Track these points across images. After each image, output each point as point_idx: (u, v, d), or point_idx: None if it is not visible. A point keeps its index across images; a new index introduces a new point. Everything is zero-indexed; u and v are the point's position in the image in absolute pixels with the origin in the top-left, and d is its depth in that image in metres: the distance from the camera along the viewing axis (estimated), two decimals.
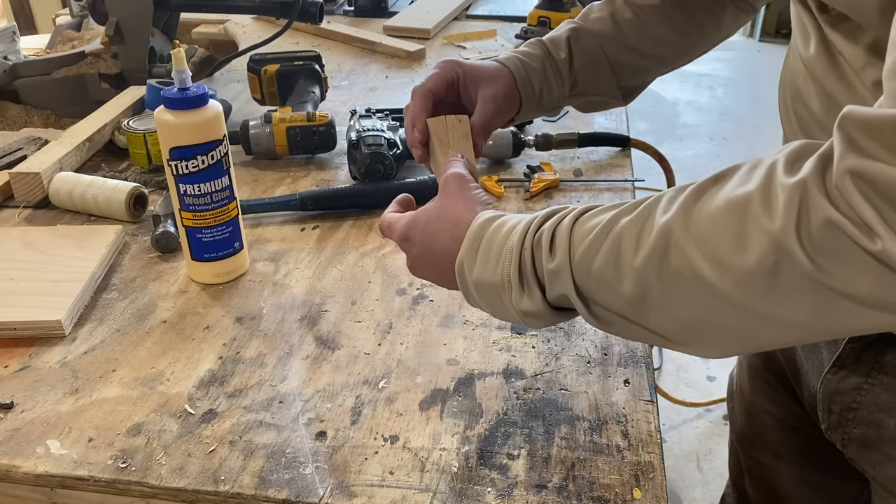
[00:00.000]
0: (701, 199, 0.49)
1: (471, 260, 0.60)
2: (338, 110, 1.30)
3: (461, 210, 0.64)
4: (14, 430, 0.70)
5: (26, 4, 3.50)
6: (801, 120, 0.67)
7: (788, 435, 0.94)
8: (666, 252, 0.49)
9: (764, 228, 0.45)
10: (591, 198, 1.07)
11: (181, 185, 0.85)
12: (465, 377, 0.75)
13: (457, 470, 0.65)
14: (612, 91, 0.87)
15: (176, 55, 0.81)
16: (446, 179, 0.68)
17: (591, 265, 0.53)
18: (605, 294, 0.54)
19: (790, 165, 0.46)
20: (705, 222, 0.48)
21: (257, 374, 0.76)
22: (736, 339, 0.51)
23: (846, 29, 0.58)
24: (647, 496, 0.62)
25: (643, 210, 0.52)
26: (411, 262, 0.69)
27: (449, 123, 0.77)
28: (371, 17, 1.83)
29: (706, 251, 0.47)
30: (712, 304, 0.48)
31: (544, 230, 0.57)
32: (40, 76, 1.35)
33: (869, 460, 0.72)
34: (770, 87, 3.17)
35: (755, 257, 0.45)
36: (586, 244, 0.54)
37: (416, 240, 0.66)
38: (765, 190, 0.46)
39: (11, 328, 0.81)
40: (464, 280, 0.62)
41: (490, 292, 0.60)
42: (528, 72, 0.82)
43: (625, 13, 0.84)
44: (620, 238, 0.52)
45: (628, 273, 0.51)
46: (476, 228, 0.61)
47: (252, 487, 0.64)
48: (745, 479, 1.04)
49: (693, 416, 2.14)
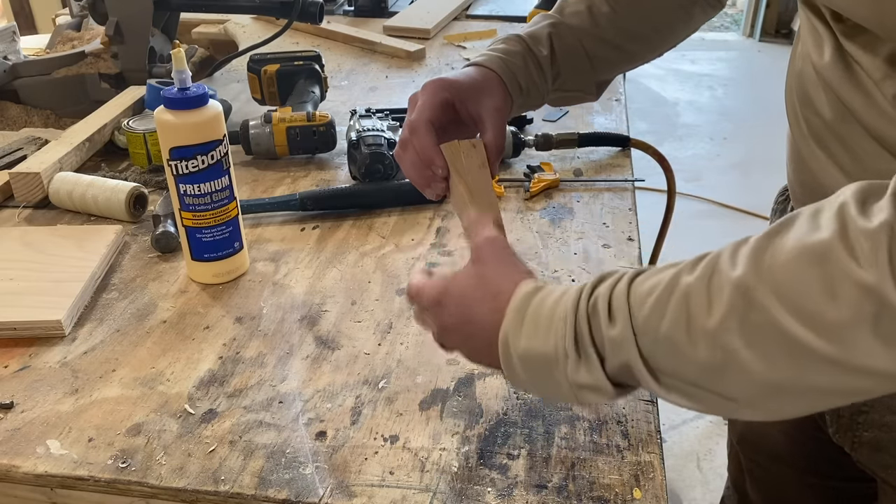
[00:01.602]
0: (768, 250, 0.45)
1: (517, 330, 0.55)
2: (338, 110, 1.30)
3: (502, 279, 0.59)
4: (14, 430, 0.70)
5: (26, 4, 3.49)
6: (811, 126, 0.66)
7: (790, 438, 0.94)
8: (745, 310, 0.45)
9: (854, 278, 0.41)
10: (592, 198, 1.07)
11: (181, 185, 0.85)
12: (465, 377, 0.75)
13: (457, 470, 0.65)
14: (589, 86, 0.86)
15: (176, 55, 0.81)
16: (481, 245, 0.63)
17: (658, 329, 0.49)
18: (676, 361, 0.49)
19: (861, 207, 0.43)
20: (783, 274, 0.44)
21: (257, 374, 0.76)
22: (827, 396, 0.46)
23: (864, 40, 0.57)
24: (647, 496, 0.62)
25: (706, 267, 0.48)
26: (442, 331, 0.64)
27: (463, 149, 0.71)
28: (371, 17, 1.83)
29: (790, 305, 0.43)
30: (804, 361, 0.44)
31: (599, 295, 0.52)
32: (40, 76, 1.35)
33: (880, 463, 0.72)
34: (770, 87, 3.17)
35: (849, 309, 0.42)
36: (648, 307, 0.49)
37: (450, 308, 0.62)
38: (843, 236, 0.42)
39: (11, 328, 0.81)
40: (507, 353, 0.56)
41: (539, 365, 0.54)
42: (514, 70, 0.78)
43: (602, 7, 0.82)
44: (688, 298, 0.48)
45: (701, 337, 0.47)
46: (522, 297, 0.56)
47: (252, 487, 0.64)
48: (746, 480, 1.04)
49: (693, 416, 2.14)
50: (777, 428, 0.95)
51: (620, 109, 1.35)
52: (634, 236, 0.98)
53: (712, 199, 3.12)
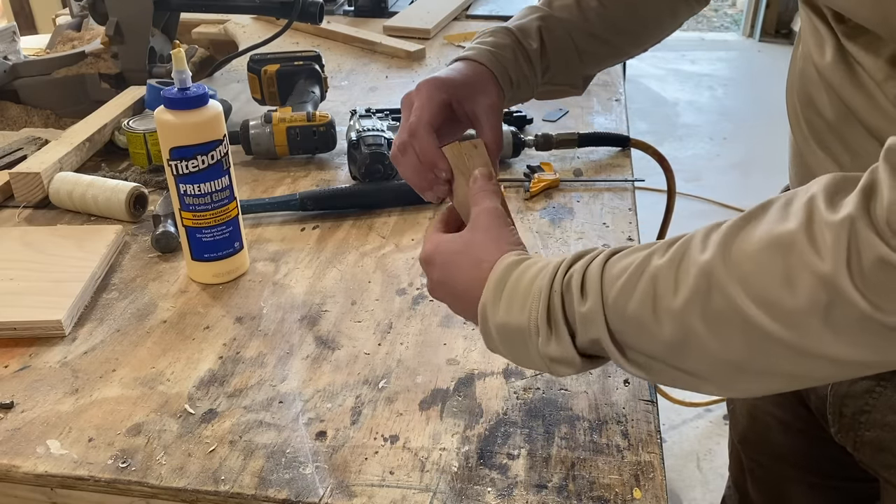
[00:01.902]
0: (738, 236, 0.47)
1: (495, 303, 0.58)
2: (338, 110, 1.30)
3: (488, 248, 0.62)
4: (14, 430, 0.70)
5: (26, 4, 3.49)
6: (812, 126, 0.66)
7: (792, 437, 0.94)
8: (708, 294, 0.47)
9: (812, 268, 0.43)
10: (591, 198, 1.07)
11: (181, 185, 0.85)
12: (465, 377, 0.75)
13: (457, 470, 0.65)
14: (576, 80, 0.85)
15: (176, 55, 0.81)
16: (480, 212, 0.64)
17: (626, 308, 0.51)
18: (642, 338, 0.52)
19: (830, 200, 0.45)
20: (748, 262, 0.46)
21: (257, 373, 0.76)
22: (783, 378, 0.49)
23: (866, 41, 0.57)
24: (647, 496, 0.62)
25: (677, 250, 0.50)
26: (431, 284, 0.67)
27: (465, 150, 0.70)
28: (371, 17, 1.83)
29: (752, 292, 0.46)
30: (762, 345, 0.47)
31: (574, 272, 0.55)
32: (40, 76, 1.35)
33: (883, 463, 0.72)
34: (770, 88, 3.16)
35: (805, 298, 0.44)
36: (619, 286, 0.52)
37: (437, 265, 0.65)
38: (808, 227, 0.44)
39: (11, 328, 0.81)
40: (486, 323, 0.59)
41: (514, 337, 0.57)
42: (504, 64, 0.78)
43: (590, 1, 0.82)
44: (656, 279, 0.50)
45: (667, 316, 0.49)
46: (501, 271, 0.59)
47: (252, 487, 0.64)
48: (747, 480, 1.04)
49: (693, 416, 2.14)
50: (779, 428, 0.95)
51: (620, 109, 1.35)
52: (634, 236, 0.98)
53: (712, 199, 3.12)
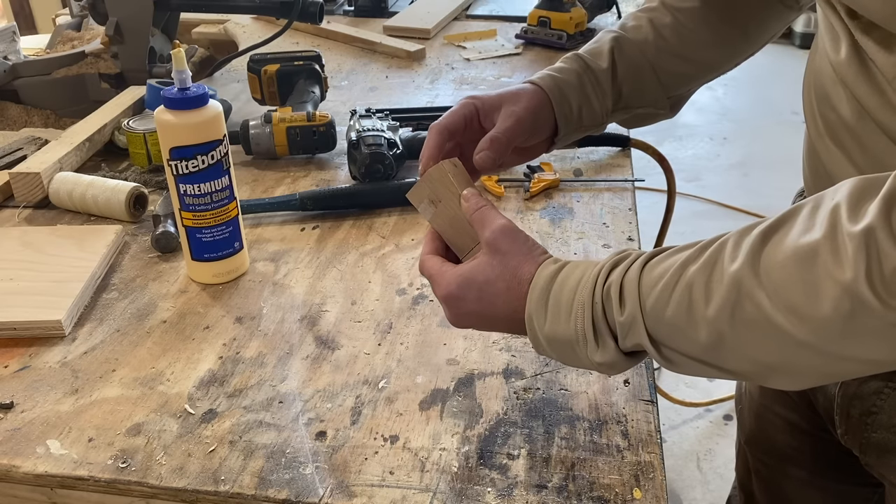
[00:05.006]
0: (767, 245, 0.50)
1: (541, 315, 0.61)
2: (338, 110, 1.30)
3: (523, 266, 0.63)
4: (14, 430, 0.70)
5: (26, 4, 3.50)
6: (828, 123, 0.66)
7: (799, 439, 0.94)
8: (738, 303, 0.50)
9: (835, 279, 0.46)
10: (591, 198, 1.07)
11: (181, 185, 0.85)
12: (465, 377, 0.75)
13: (457, 470, 0.65)
14: (660, 102, 0.83)
15: (176, 55, 0.81)
16: (495, 234, 0.64)
17: (663, 315, 0.54)
18: (680, 341, 0.55)
19: (853, 209, 0.46)
20: (775, 273, 0.49)
21: (257, 374, 0.76)
22: (814, 376, 0.52)
23: (878, 36, 0.57)
24: (647, 496, 0.62)
25: (710, 257, 0.53)
26: (459, 317, 0.67)
27: (448, 169, 0.70)
28: (371, 17, 1.83)
29: (779, 301, 0.48)
30: (790, 350, 0.49)
31: (612, 282, 0.58)
32: (40, 76, 1.35)
33: (889, 465, 0.72)
34: (770, 87, 3.16)
35: (829, 306, 0.46)
36: (656, 294, 0.55)
37: (470, 300, 0.64)
38: (831, 238, 0.46)
39: (11, 328, 0.81)
40: (534, 332, 0.62)
41: (563, 346, 0.61)
42: (564, 87, 0.77)
43: (664, 18, 0.81)
44: (690, 288, 0.53)
45: (702, 323, 0.52)
46: (542, 283, 0.61)
47: (252, 487, 0.64)
48: (753, 481, 1.04)
49: (693, 416, 2.14)
50: (786, 429, 0.95)
51: None
52: (634, 236, 0.98)
53: (712, 199, 3.12)
